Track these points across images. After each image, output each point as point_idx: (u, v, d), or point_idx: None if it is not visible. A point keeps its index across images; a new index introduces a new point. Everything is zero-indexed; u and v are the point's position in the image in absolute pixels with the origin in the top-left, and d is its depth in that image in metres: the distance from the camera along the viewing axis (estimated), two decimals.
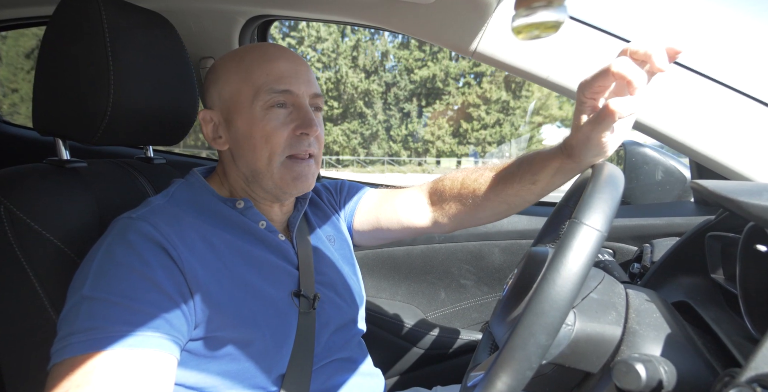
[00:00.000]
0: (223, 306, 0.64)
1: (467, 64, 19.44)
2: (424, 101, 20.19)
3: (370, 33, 21.07)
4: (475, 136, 20.53)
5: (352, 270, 0.90)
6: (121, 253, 0.59)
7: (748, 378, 0.38)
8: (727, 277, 0.65)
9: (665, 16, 61.62)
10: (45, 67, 0.74)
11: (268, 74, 0.71)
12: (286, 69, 0.72)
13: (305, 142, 0.72)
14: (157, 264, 0.60)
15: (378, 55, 20.91)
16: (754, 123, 0.85)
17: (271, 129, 0.70)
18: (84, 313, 0.55)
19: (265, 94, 0.70)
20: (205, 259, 0.65)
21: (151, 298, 0.58)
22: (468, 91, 19.78)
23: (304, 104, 0.72)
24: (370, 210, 0.93)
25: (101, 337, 0.53)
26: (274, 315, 0.70)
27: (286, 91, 0.71)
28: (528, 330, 0.42)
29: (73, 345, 0.53)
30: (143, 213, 0.65)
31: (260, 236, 0.74)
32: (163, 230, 0.63)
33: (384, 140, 20.91)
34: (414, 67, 19.86)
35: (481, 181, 0.81)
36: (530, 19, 0.50)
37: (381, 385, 0.87)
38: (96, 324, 0.54)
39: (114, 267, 0.58)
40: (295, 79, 0.72)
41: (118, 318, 0.55)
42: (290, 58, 0.73)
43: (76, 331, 0.54)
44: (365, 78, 20.55)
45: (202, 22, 1.24)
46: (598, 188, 0.49)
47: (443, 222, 0.88)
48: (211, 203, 0.73)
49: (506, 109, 20.13)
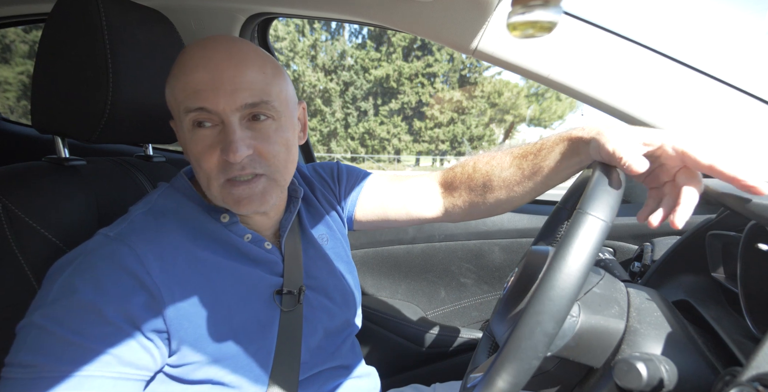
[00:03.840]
0: (203, 328, 0.62)
1: (420, 65, 19.84)
2: (380, 100, 20.53)
3: (329, 33, 21.48)
4: (429, 135, 20.94)
5: (347, 269, 0.86)
6: (80, 281, 0.55)
7: (749, 377, 0.38)
8: (728, 276, 0.65)
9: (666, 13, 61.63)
10: (44, 64, 0.74)
11: (185, 89, 0.61)
12: (202, 81, 0.60)
13: (236, 166, 0.62)
14: (115, 294, 0.56)
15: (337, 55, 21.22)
16: (753, 120, 0.85)
17: (198, 153, 0.63)
18: (29, 343, 0.53)
19: (184, 114, 0.62)
20: (184, 277, 0.62)
21: (98, 333, 0.54)
22: (422, 91, 20.19)
23: (228, 122, 0.61)
24: (375, 200, 0.89)
25: (39, 377, 0.51)
26: (255, 329, 0.67)
27: (201, 109, 0.60)
28: (535, 319, 0.42)
29: (16, 381, 0.52)
30: (121, 231, 0.61)
31: (244, 250, 0.70)
32: (141, 251, 0.59)
33: (342, 138, 21.19)
34: (370, 66, 20.20)
35: (493, 163, 0.80)
36: (526, 17, 0.50)
37: (376, 384, 0.87)
38: (37, 359, 0.52)
39: (69, 294, 0.55)
40: (212, 93, 0.60)
41: (61, 355, 0.52)
42: (209, 65, 0.60)
43: (17, 364, 0.52)
44: (324, 76, 20.79)
45: (202, 20, 1.23)
46: (602, 181, 0.50)
47: (454, 210, 0.85)
48: (194, 215, 0.68)
49: (459, 109, 20.62)
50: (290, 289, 0.72)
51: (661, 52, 0.89)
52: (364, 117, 21.16)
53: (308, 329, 0.74)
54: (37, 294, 0.57)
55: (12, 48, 14.93)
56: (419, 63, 19.95)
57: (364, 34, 21.36)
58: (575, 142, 0.69)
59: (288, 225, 0.77)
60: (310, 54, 20.85)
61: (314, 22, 17.44)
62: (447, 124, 20.79)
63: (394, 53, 20.04)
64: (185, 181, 0.71)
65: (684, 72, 0.87)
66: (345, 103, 21.02)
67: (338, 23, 16.82)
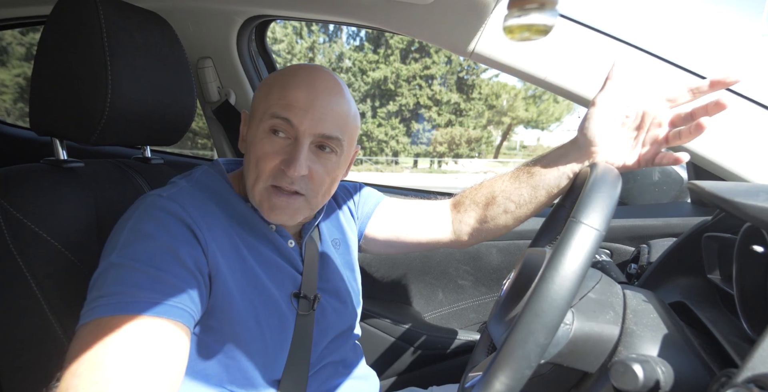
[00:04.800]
0: (234, 297, 0.65)
1: (418, 67, 19.97)
2: (377, 102, 20.62)
3: (327, 35, 21.61)
4: (427, 137, 21.11)
5: (353, 275, 0.90)
6: (150, 226, 0.60)
7: (744, 378, 0.39)
8: (724, 278, 0.65)
9: (662, 16, 61.89)
10: (42, 66, 0.74)
11: (281, 98, 0.68)
12: (301, 99, 0.67)
13: (287, 179, 0.68)
14: (183, 241, 0.61)
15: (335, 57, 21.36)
16: (750, 124, 0.86)
17: (263, 154, 0.68)
18: (112, 279, 0.55)
19: (269, 117, 0.68)
20: (224, 248, 0.66)
21: (176, 271, 0.58)
22: (419, 93, 20.34)
23: (301, 140, 0.68)
24: (388, 218, 0.94)
25: (128, 302, 0.53)
26: (274, 315, 0.70)
27: (287, 120, 0.67)
28: (527, 329, 0.42)
29: (100, 307, 0.53)
30: (172, 194, 0.66)
31: (271, 238, 0.74)
32: (192, 212, 0.64)
33: None
34: (368, 68, 20.33)
35: (497, 178, 0.85)
36: (522, 20, 0.51)
37: (376, 387, 0.87)
38: (123, 289, 0.54)
39: (142, 238, 0.59)
40: (302, 112, 0.67)
41: (144, 285, 0.55)
42: (312, 91, 0.68)
43: (104, 294, 0.54)
44: None
45: (200, 22, 1.24)
46: (596, 188, 0.50)
47: (463, 229, 0.90)
48: (230, 196, 0.73)
49: (458, 111, 20.77)
50: (306, 294, 0.75)
51: (657, 54, 0.89)
52: (362, 119, 21.29)
53: (317, 330, 0.76)
54: (106, 244, 0.61)
55: (9, 50, 14.90)
56: (417, 65, 20.06)
57: (362, 36, 21.41)
58: (566, 144, 0.76)
59: (311, 228, 0.81)
60: (308, 56, 20.94)
61: (312, 24, 17.48)
62: (445, 126, 20.89)
63: (392, 55, 20.14)
64: (221, 167, 0.76)
65: (679, 74, 0.87)
66: None
67: (336, 25, 16.88)
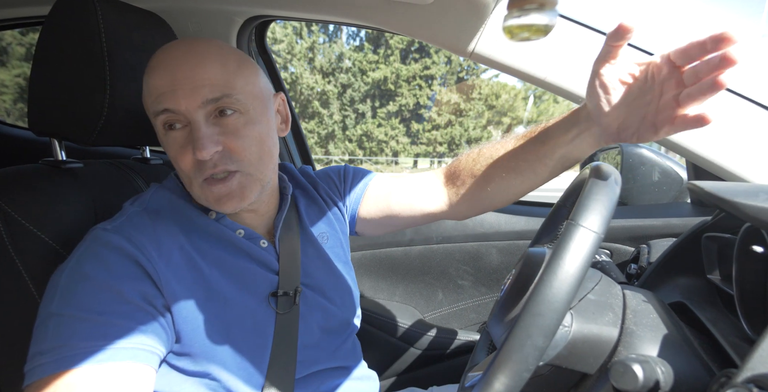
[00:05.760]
0: (198, 319, 0.62)
1: (418, 67, 20.01)
2: (377, 102, 20.63)
3: (327, 36, 21.62)
4: (427, 137, 21.09)
5: (345, 269, 0.85)
6: (90, 267, 0.57)
7: (744, 378, 0.39)
8: (724, 278, 0.65)
9: (661, 16, 61.99)
10: (41, 67, 0.74)
11: (150, 93, 0.63)
12: (162, 83, 0.61)
13: (209, 164, 0.63)
14: (126, 277, 0.58)
15: (335, 57, 21.37)
16: (750, 124, 0.85)
17: (175, 154, 0.64)
18: (51, 331, 0.53)
19: (153, 117, 0.63)
20: (180, 271, 0.63)
21: (120, 310, 0.55)
22: (419, 93, 20.35)
23: (193, 120, 0.62)
24: (380, 196, 0.89)
25: (69, 355, 0.51)
26: (247, 325, 0.67)
27: (166, 111, 0.61)
28: (525, 332, 0.42)
29: (41, 366, 0.51)
30: (117, 225, 0.63)
31: (239, 245, 0.70)
32: (138, 241, 0.61)
33: (340, 140, 21.32)
34: (368, 69, 20.36)
35: (497, 146, 0.79)
36: (521, 20, 0.50)
37: (376, 388, 0.86)
38: (63, 341, 0.52)
39: (81, 280, 0.56)
40: (171, 94, 0.60)
41: (85, 334, 0.53)
42: (168, 67, 0.62)
43: (44, 351, 0.52)
44: (321, 79, 20.94)
45: (200, 23, 1.24)
46: (595, 189, 0.49)
47: (458, 201, 0.84)
48: (187, 210, 0.69)
49: (457, 111, 20.76)
50: (286, 290, 0.72)
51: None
52: (361, 119, 21.25)
53: (304, 328, 0.74)
54: (45, 292, 0.58)
55: (8, 50, 14.90)
56: (417, 65, 20.08)
57: (362, 36, 21.41)
58: (573, 112, 0.69)
59: (279, 223, 0.77)
60: (308, 56, 20.94)
61: (312, 24, 17.49)
62: (445, 126, 20.89)
63: (392, 55, 20.16)
64: (175, 181, 0.73)
65: None
66: (343, 105, 21.09)
67: (336, 26, 16.85)
